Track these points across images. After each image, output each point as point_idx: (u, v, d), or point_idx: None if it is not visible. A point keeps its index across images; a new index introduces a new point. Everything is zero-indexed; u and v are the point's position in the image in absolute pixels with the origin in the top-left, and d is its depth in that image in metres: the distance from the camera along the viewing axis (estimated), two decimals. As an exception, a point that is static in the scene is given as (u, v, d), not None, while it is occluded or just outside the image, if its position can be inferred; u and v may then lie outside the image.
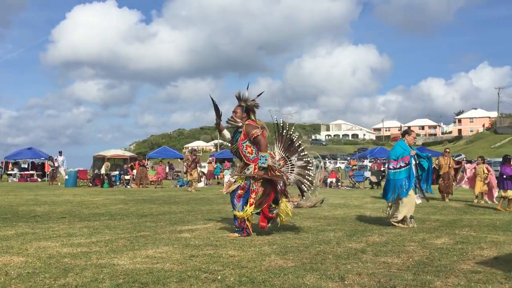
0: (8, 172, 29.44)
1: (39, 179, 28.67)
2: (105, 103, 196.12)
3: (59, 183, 24.02)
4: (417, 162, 7.43)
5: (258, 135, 6.13)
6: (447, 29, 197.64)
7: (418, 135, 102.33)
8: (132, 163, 25.45)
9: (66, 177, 22.77)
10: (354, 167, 28.55)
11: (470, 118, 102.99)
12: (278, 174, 6.35)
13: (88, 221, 7.89)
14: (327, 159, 50.85)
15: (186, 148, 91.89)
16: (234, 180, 6.37)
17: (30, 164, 30.56)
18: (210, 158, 33.57)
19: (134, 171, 23.15)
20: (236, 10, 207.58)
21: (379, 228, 7.04)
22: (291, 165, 6.58)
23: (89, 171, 27.48)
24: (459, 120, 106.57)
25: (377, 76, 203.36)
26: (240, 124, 6.26)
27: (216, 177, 29.76)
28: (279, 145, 6.62)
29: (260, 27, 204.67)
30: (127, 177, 22.94)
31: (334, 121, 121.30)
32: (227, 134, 6.70)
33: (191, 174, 18.37)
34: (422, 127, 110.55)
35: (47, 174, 27.12)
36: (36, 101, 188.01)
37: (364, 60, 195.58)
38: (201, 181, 21.83)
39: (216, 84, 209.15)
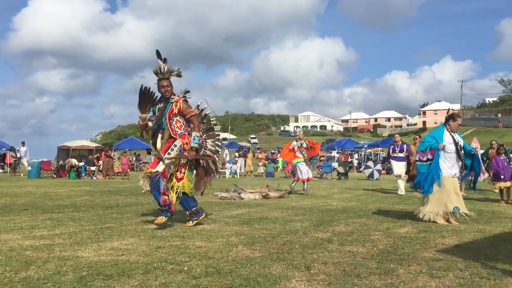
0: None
1: (0, 170, 27.81)
2: (69, 93, 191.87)
3: (21, 174, 23.38)
4: (462, 152, 6.96)
5: (195, 114, 6.24)
6: (410, 23, 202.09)
7: (384, 126, 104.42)
8: (98, 154, 25.00)
9: (29, 168, 22.17)
10: (322, 158, 28.87)
11: (434, 110, 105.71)
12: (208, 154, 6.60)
13: (52, 213, 7.70)
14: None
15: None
16: (167, 161, 6.03)
17: (-10, 155, 29.58)
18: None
19: (101, 162, 22.75)
20: (202, 1, 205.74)
21: (345, 218, 7.14)
22: (203, 148, 6.63)
23: (53, 162, 26.83)
24: (424, 112, 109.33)
25: (343, 69, 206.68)
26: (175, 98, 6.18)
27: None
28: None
29: (227, 19, 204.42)
30: (93, 168, 22.52)
31: (302, 113, 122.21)
32: (150, 124, 6.40)
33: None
34: (389, 119, 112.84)
35: (9, 165, 26.35)
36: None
37: (331, 53, 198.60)
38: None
39: (184, 75, 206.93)
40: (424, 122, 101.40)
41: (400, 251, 4.66)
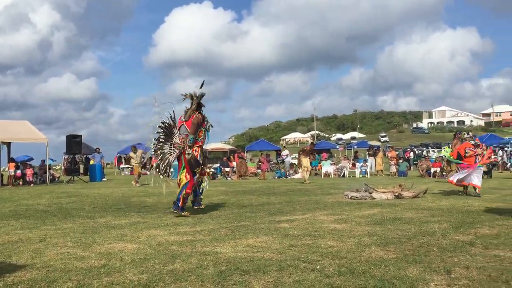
0: (121, 166, 31.92)
1: (148, 172, 30.66)
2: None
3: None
4: None
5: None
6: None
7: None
8: (231, 156, 26.31)
9: (172, 170, 24.14)
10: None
11: None
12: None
13: (192, 211, 8.29)
14: (430, 147, 48.50)
15: (283, 140, 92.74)
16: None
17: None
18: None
19: (234, 163, 23.88)
20: (323, 3, 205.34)
21: (489, 220, 6.57)
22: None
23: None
24: None
25: (478, 60, 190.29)
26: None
27: (314, 168, 29.68)
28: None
29: (348, 18, 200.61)
30: (227, 169, 23.72)
31: (437, 108, 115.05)
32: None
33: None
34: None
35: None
36: (142, 100, 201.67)
37: (464, 45, 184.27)
38: (298, 172, 22.04)
39: (309, 76, 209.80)
40: None
41: (557, 258, 4.16)
